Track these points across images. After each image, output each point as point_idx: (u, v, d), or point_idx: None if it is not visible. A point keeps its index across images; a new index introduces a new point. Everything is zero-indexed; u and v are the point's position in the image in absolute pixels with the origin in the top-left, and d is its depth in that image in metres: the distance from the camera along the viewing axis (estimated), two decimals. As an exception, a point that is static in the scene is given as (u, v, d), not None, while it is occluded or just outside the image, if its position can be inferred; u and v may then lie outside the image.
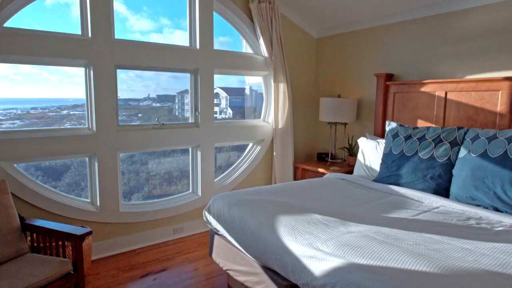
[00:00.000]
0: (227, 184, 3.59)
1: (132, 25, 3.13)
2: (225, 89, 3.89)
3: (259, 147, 3.78)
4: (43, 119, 2.84)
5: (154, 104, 3.34)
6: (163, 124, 3.13)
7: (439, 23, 2.96)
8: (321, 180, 2.92)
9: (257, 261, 1.99)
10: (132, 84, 3.19)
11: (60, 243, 2.06)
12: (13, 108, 2.75)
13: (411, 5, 3.05)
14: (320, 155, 3.94)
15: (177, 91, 3.59)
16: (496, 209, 2.12)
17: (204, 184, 3.40)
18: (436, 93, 2.91)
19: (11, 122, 2.72)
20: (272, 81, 3.66)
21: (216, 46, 3.36)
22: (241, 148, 3.83)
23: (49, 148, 2.59)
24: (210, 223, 2.41)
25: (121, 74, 3.06)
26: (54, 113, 2.87)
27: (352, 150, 3.64)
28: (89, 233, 1.97)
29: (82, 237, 1.95)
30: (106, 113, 2.80)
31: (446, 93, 2.86)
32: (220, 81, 3.74)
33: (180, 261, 2.82)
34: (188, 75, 3.31)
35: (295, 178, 3.90)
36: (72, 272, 1.96)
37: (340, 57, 3.85)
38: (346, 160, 3.69)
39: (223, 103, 3.91)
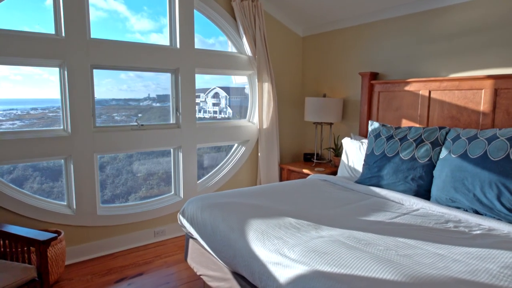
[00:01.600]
0: (210, 186, 3.53)
1: (132, 25, 3.13)
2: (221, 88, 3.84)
3: (244, 148, 3.72)
4: (43, 119, 2.83)
5: (154, 104, 3.33)
6: (142, 125, 3.07)
7: (423, 20, 2.90)
8: (302, 182, 2.86)
9: (228, 267, 1.93)
10: (132, 84, 3.18)
11: (26, 248, 1.99)
12: (13, 109, 2.74)
13: (395, 2, 2.98)
14: (307, 156, 3.87)
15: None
16: (476, 212, 2.05)
17: (187, 186, 3.34)
18: (420, 92, 2.85)
19: (11, 122, 2.71)
20: (256, 80, 3.59)
21: (206, 46, 3.30)
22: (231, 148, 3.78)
23: (21, 150, 2.53)
24: (184, 227, 2.35)
25: (121, 75, 3.08)
26: (54, 114, 2.84)
27: (338, 151, 3.58)
28: (54, 238, 1.91)
29: (46, 243, 1.88)
30: (82, 114, 2.73)
31: (430, 92, 2.79)
32: (211, 81, 3.69)
33: (158, 265, 2.76)
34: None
35: (280, 179, 3.83)
36: (37, 278, 1.90)
37: (326, 56, 3.78)
38: (332, 160, 3.63)
39: (223, 103, 3.86)
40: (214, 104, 3.85)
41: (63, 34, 2.61)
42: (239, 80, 3.88)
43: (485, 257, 1.53)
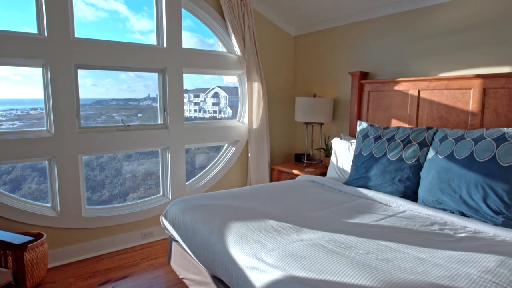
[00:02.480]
0: (199, 187, 3.49)
1: (132, 25, 3.12)
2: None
3: (234, 148, 3.68)
4: (43, 119, 2.80)
5: (154, 104, 3.31)
6: (128, 125, 3.03)
7: (412, 19, 2.86)
8: (290, 183, 2.82)
9: (208, 270, 1.89)
10: (132, 84, 3.15)
11: (2, 252, 1.95)
12: (13, 109, 2.71)
13: (385, 1, 2.94)
14: (298, 156, 3.83)
15: None
16: (462, 214, 2.01)
17: (175, 187, 3.30)
18: (409, 92, 2.81)
19: (11, 123, 2.69)
20: (246, 80, 3.55)
21: (206, 47, 3.25)
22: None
23: (4, 151, 2.48)
24: (167, 229, 2.31)
25: (122, 75, 3.07)
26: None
27: (329, 151, 3.54)
28: (30, 241, 1.87)
29: (21, 246, 1.84)
30: (66, 114, 2.69)
31: (419, 92, 2.75)
32: (211, 80, 3.67)
33: (144, 268, 2.72)
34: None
35: (271, 180, 3.79)
36: (13, 283, 1.86)
37: (317, 55, 3.74)
38: (323, 161, 3.59)
39: (223, 103, 3.83)
40: (213, 104, 3.82)
41: (46, 34, 2.57)
42: (230, 80, 3.83)
43: (467, 261, 1.49)
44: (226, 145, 3.71)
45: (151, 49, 3.04)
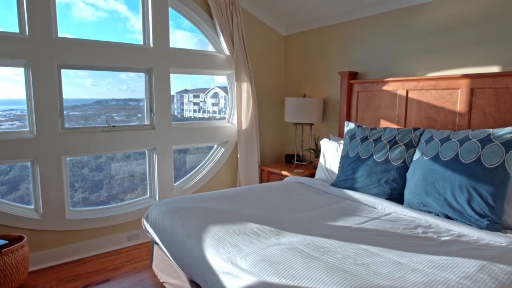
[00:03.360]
0: (188, 188, 3.45)
1: (132, 25, 3.11)
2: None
3: (223, 149, 3.64)
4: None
5: None
6: (113, 126, 2.99)
7: (401, 17, 2.81)
8: (277, 184, 2.78)
9: (185, 274, 1.85)
10: (132, 84, 3.14)
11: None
12: (13, 109, 2.69)
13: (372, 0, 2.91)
14: (288, 157, 3.79)
15: (176, 91, 3.57)
16: (447, 217, 1.97)
17: (162, 189, 3.25)
18: (398, 92, 2.77)
19: (10, 123, 2.67)
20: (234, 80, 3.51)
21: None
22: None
23: (-17, 153, 2.45)
24: (149, 232, 2.27)
25: (121, 75, 3.08)
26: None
27: (319, 152, 3.49)
28: (4, 246, 1.83)
29: (-6, 250, 1.80)
30: (49, 115, 2.65)
31: (407, 92, 2.71)
32: (210, 80, 3.65)
33: (127, 271, 2.67)
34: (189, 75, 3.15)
35: (261, 181, 3.75)
36: (-14, 288, 1.82)
37: (307, 55, 3.70)
38: (313, 162, 3.55)
39: (222, 103, 3.79)
40: (213, 104, 3.79)
41: (27, 33, 2.53)
42: (221, 80, 3.79)
43: (446, 266, 1.45)
44: (215, 146, 3.67)
45: (137, 48, 3.00)
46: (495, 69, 2.31)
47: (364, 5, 3.02)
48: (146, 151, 3.23)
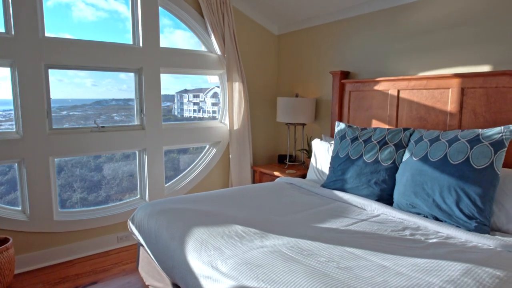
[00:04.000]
0: (179, 189, 3.42)
1: None
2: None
3: (214, 150, 3.61)
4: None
5: None
6: (102, 126, 2.96)
7: (393, 16, 2.78)
8: (267, 185, 2.75)
9: (168, 278, 1.82)
10: (132, 84, 3.11)
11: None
12: (12, 110, 2.64)
13: (364, -2, 2.87)
14: (281, 158, 3.76)
15: (177, 91, 3.55)
16: (436, 218, 1.94)
17: (153, 190, 3.22)
18: (389, 92, 2.74)
19: (10, 123, 2.65)
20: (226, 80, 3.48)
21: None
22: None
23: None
24: (134, 234, 2.24)
25: (121, 75, 3.06)
26: (54, 114, 2.80)
27: (311, 152, 3.46)
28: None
29: (-26, 254, 1.77)
30: (35, 115, 2.62)
31: (398, 92, 2.68)
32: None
33: (115, 273, 2.64)
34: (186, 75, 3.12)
35: (253, 182, 3.72)
36: (-34, 291, 1.79)
37: (300, 55, 3.67)
38: (305, 162, 3.52)
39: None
40: (213, 104, 3.76)
41: (13, 33, 2.50)
42: (214, 80, 3.76)
43: (431, 270, 1.42)
44: (207, 146, 3.64)
45: (126, 48, 2.97)
46: (486, 68, 2.28)
47: (356, 3, 2.98)
48: (137, 152, 3.20)
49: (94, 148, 2.89)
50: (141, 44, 3.04)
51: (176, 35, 3.41)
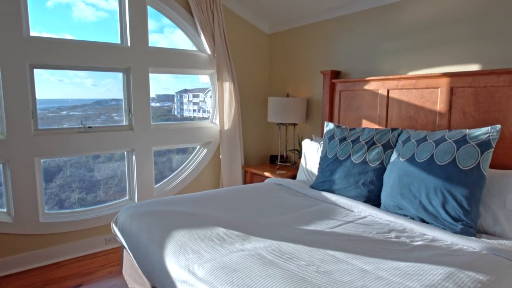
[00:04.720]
0: (169, 190, 3.38)
1: None
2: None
3: (205, 150, 3.57)
4: (42, 120, 2.77)
5: (153, 104, 3.27)
6: (89, 127, 2.92)
7: (383, 14, 2.75)
8: (256, 186, 2.72)
9: (149, 281, 1.79)
10: None
11: None
12: None
13: (354, -4, 2.83)
14: (273, 158, 3.72)
15: (176, 91, 3.52)
16: (423, 220, 1.91)
17: (142, 191, 3.19)
18: (379, 91, 2.70)
19: None
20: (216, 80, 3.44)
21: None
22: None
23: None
24: (118, 237, 2.20)
25: (121, 75, 3.04)
26: (53, 114, 2.81)
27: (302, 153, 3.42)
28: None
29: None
30: (20, 116, 2.58)
31: (388, 91, 2.64)
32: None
33: (101, 275, 2.61)
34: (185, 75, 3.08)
35: (244, 182, 3.69)
36: None
37: (291, 54, 3.63)
38: (296, 163, 3.48)
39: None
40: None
41: (-4, 32, 2.46)
42: (206, 80, 3.72)
43: (413, 274, 1.39)
44: (198, 147, 3.60)
45: (113, 48, 2.93)
46: (476, 67, 2.24)
47: (347, 1, 2.95)
48: (125, 152, 3.17)
49: (80, 148, 2.86)
50: (128, 44, 3.01)
51: (176, 35, 3.38)
